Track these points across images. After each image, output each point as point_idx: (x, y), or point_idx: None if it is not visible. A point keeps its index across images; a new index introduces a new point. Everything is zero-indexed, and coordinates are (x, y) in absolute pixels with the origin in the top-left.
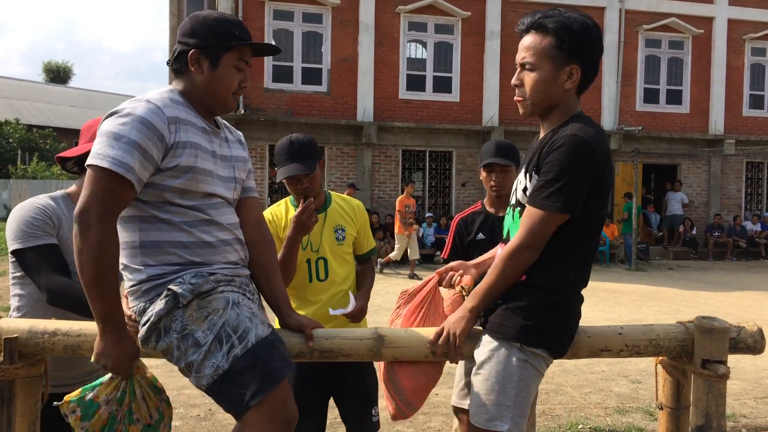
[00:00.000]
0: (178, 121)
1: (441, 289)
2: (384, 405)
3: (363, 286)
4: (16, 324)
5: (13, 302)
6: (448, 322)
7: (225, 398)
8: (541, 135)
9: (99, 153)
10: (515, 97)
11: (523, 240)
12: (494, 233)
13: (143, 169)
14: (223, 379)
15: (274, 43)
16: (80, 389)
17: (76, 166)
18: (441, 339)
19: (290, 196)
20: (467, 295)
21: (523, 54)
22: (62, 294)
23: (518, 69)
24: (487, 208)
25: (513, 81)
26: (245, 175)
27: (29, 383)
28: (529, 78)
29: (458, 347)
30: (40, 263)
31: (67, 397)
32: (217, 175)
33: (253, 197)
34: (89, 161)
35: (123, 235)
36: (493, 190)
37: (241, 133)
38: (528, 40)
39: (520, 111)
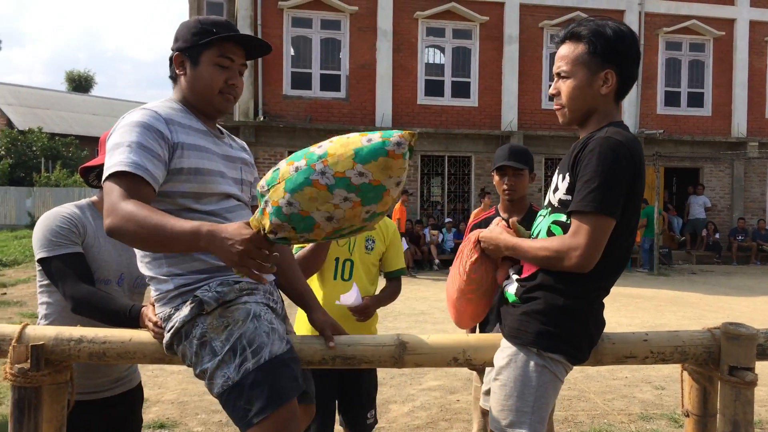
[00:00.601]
0: (175, 122)
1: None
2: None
3: (382, 294)
4: (43, 331)
5: (41, 310)
6: (490, 239)
7: (231, 410)
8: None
9: (108, 166)
10: (554, 107)
11: (573, 242)
12: None
13: (155, 167)
14: (231, 391)
15: (292, 50)
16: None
17: (97, 178)
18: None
19: None
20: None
21: (558, 63)
22: (85, 302)
23: (555, 79)
24: (501, 213)
25: (550, 91)
26: (252, 179)
27: (55, 390)
28: (564, 86)
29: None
30: (65, 272)
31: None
32: (228, 175)
33: None
34: (103, 179)
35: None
36: (506, 194)
37: (244, 142)
38: (563, 49)
39: (560, 120)
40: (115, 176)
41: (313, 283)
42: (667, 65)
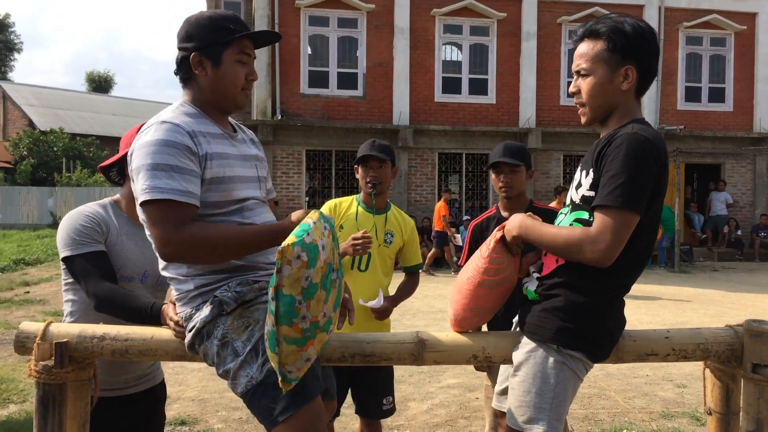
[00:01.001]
0: (197, 133)
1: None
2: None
3: (399, 292)
4: (67, 328)
5: (66, 308)
6: (515, 226)
7: (256, 409)
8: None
9: (145, 188)
10: (576, 104)
11: (598, 236)
12: None
13: (195, 186)
14: (255, 390)
15: (309, 49)
16: (293, 235)
17: (119, 175)
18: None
19: (358, 195)
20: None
21: (577, 62)
22: (108, 300)
23: (575, 77)
24: (501, 211)
25: (570, 89)
26: (266, 173)
27: (79, 386)
28: (585, 84)
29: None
30: (89, 270)
31: (287, 242)
32: (246, 177)
33: (270, 199)
34: (143, 198)
35: None
36: (502, 191)
37: (252, 132)
38: (582, 47)
39: (582, 119)
40: (159, 203)
41: None
42: (687, 60)
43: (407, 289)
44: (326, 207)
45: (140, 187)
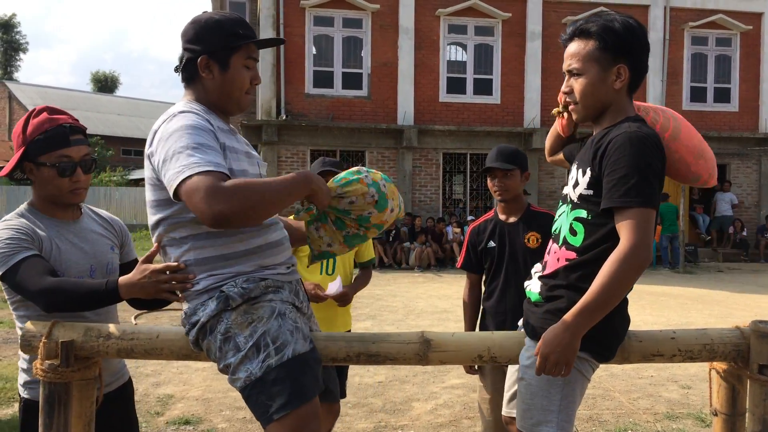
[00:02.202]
0: (213, 125)
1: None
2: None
3: (357, 282)
4: (72, 328)
5: (19, 324)
6: (551, 349)
7: (253, 405)
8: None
9: (183, 167)
10: (569, 104)
11: (632, 241)
12: (504, 240)
13: (224, 161)
14: (253, 386)
15: (314, 49)
16: (375, 178)
17: (22, 172)
18: (547, 369)
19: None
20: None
21: (568, 61)
22: (55, 292)
23: (566, 77)
24: (499, 215)
25: (563, 89)
26: (264, 172)
27: (84, 386)
28: (577, 83)
29: (567, 371)
30: (26, 274)
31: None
32: (249, 172)
33: None
34: (183, 176)
35: (176, 256)
36: (497, 195)
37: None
38: (572, 47)
39: (574, 117)
40: (198, 176)
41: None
42: (693, 60)
43: (363, 281)
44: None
45: (176, 169)
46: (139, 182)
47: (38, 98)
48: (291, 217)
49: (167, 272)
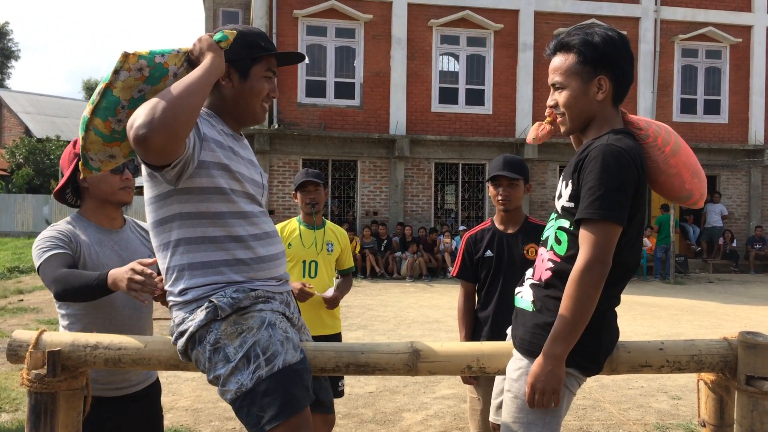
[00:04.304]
0: (203, 119)
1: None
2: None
3: (341, 287)
4: (59, 337)
5: (61, 321)
6: (536, 379)
7: (244, 417)
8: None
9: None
10: (557, 118)
11: (587, 256)
12: (502, 250)
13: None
14: (244, 398)
15: (306, 58)
16: (147, 50)
17: (74, 195)
18: (536, 400)
19: (297, 216)
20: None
21: (552, 76)
22: (62, 282)
23: (551, 91)
24: (497, 225)
25: (548, 102)
26: (266, 183)
27: (71, 396)
28: (561, 97)
29: (556, 401)
30: (50, 266)
31: (135, 51)
32: (247, 176)
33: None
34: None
35: (169, 260)
36: (501, 204)
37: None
38: (555, 61)
39: (561, 129)
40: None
41: None
42: (683, 72)
43: (345, 287)
44: None
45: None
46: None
47: (29, 106)
48: None
49: (143, 275)
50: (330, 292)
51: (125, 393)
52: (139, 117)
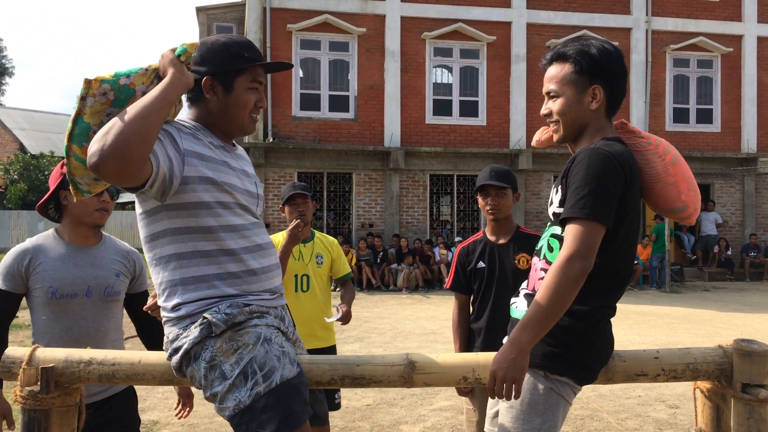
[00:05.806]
0: (185, 132)
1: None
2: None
3: (346, 298)
4: (53, 353)
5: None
6: (498, 366)
7: None
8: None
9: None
10: (550, 126)
11: (567, 251)
12: (494, 261)
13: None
14: (243, 414)
15: (301, 72)
16: (112, 73)
17: (56, 211)
18: (496, 389)
19: (281, 232)
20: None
21: (547, 84)
22: None
23: (546, 100)
24: (488, 235)
25: (542, 111)
26: (261, 192)
27: (65, 412)
28: (555, 105)
29: (517, 391)
30: None
31: (97, 77)
32: (239, 187)
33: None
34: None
35: (161, 275)
36: (490, 213)
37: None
38: (551, 70)
39: (554, 138)
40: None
41: None
42: (675, 82)
43: (349, 295)
44: None
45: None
46: (125, 206)
47: (24, 122)
48: None
49: None
50: (339, 313)
51: (92, 401)
52: (92, 144)
